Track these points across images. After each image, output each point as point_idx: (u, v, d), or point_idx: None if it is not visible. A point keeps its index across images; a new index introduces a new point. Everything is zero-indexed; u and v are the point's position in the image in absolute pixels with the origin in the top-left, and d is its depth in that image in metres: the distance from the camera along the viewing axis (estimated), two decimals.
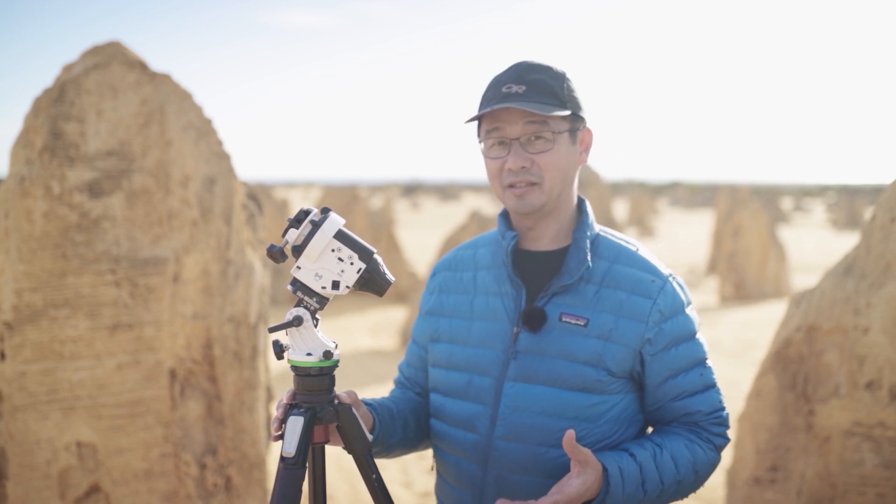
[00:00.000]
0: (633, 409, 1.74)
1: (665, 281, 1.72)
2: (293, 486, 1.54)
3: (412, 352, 1.96)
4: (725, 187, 22.70)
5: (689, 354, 1.72)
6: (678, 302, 1.72)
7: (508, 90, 1.67)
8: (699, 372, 1.72)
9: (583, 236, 1.74)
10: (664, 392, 1.71)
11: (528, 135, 1.67)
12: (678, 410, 1.72)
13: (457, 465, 1.79)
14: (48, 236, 3.35)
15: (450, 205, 60.59)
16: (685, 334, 1.72)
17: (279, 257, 1.55)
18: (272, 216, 15.58)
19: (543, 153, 1.68)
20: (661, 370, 1.70)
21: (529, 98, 1.66)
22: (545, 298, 1.71)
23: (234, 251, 3.70)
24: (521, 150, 1.68)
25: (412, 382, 1.97)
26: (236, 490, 3.63)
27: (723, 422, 1.74)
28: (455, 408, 1.79)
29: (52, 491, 3.31)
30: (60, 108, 3.46)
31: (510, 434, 1.69)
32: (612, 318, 1.68)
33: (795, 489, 3.23)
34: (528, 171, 1.68)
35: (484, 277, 1.82)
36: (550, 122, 1.67)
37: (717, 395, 1.75)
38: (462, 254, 1.92)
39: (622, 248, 1.77)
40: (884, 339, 2.95)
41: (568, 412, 1.67)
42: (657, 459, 1.65)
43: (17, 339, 3.30)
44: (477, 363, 1.76)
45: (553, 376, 1.67)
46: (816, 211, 56.34)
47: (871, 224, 3.18)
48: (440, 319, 1.86)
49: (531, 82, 1.67)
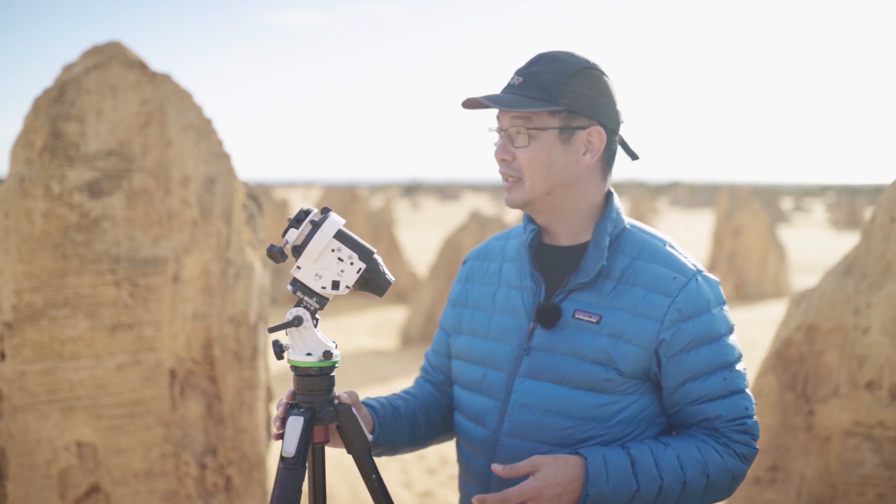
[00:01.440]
0: (652, 411, 1.68)
1: (690, 278, 1.64)
2: (293, 486, 1.54)
3: (439, 339, 1.94)
4: (725, 187, 22.68)
5: (713, 357, 1.63)
6: (703, 301, 1.63)
7: (512, 80, 1.68)
8: (723, 376, 1.63)
9: (603, 231, 1.68)
10: (682, 395, 1.64)
11: (516, 128, 1.65)
12: (697, 415, 1.64)
13: (468, 458, 1.79)
14: (48, 236, 3.35)
15: (450, 205, 60.58)
16: (709, 335, 1.63)
17: (279, 257, 1.55)
18: (272, 216, 15.58)
19: (522, 148, 1.65)
20: (678, 372, 1.62)
21: (521, 91, 1.64)
22: (562, 294, 1.68)
23: (234, 251, 3.70)
24: (507, 142, 1.67)
25: (436, 370, 1.95)
26: (236, 490, 3.63)
27: (747, 429, 1.64)
28: (470, 401, 1.78)
29: (52, 491, 3.31)
30: (60, 108, 3.46)
31: (516, 431, 1.68)
32: (627, 316, 1.62)
33: (795, 489, 3.23)
34: (508, 164, 1.67)
35: (508, 270, 1.80)
36: (533, 118, 1.64)
37: (744, 401, 1.64)
38: (493, 244, 1.90)
39: (647, 243, 1.70)
40: (884, 339, 2.95)
41: (574, 411, 1.64)
42: (657, 454, 1.59)
43: (17, 339, 3.30)
44: (493, 357, 1.74)
45: (561, 374, 1.65)
46: (816, 211, 56.33)
47: (871, 224, 3.18)
48: (464, 310, 1.85)
49: (530, 74, 1.65)
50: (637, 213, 32.19)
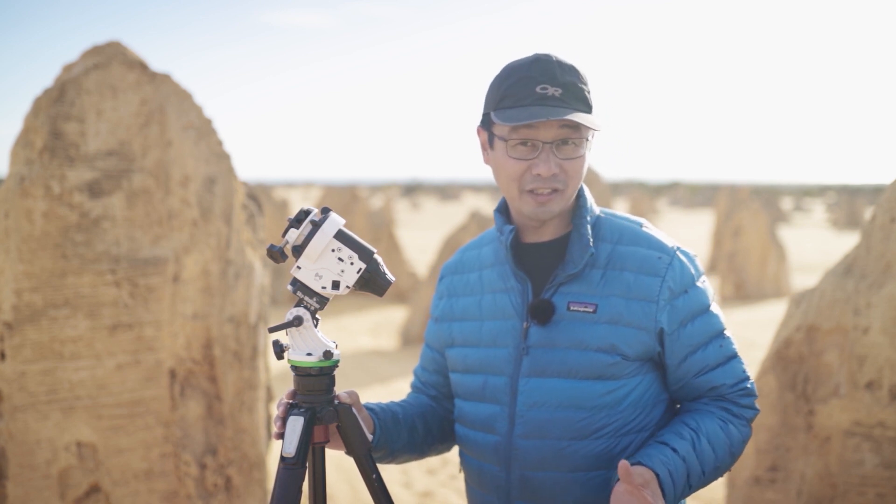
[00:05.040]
0: (655, 389, 1.70)
1: (672, 256, 1.67)
2: (293, 486, 1.54)
3: (425, 355, 1.95)
4: (725, 187, 22.70)
5: (706, 328, 1.68)
6: (688, 276, 1.67)
7: (544, 91, 1.60)
8: (718, 344, 1.68)
9: (583, 222, 1.70)
10: (686, 369, 1.67)
11: (560, 139, 1.62)
12: (703, 385, 1.68)
13: (479, 468, 1.77)
14: (48, 236, 3.35)
15: (450, 205, 60.58)
16: (699, 308, 1.68)
17: (279, 257, 1.55)
18: (272, 216, 15.58)
19: (572, 160, 1.63)
20: (680, 348, 1.66)
21: (568, 103, 1.61)
22: (552, 289, 1.68)
23: (234, 251, 3.70)
24: (552, 155, 1.62)
25: (427, 386, 1.96)
26: (236, 490, 3.63)
27: (749, 392, 1.70)
28: (474, 410, 1.77)
29: (52, 491, 3.31)
30: (60, 108, 3.46)
31: (530, 431, 1.67)
32: (622, 302, 1.64)
33: (795, 489, 3.23)
34: (556, 177, 1.63)
35: (489, 276, 1.80)
36: (582, 128, 1.63)
37: (740, 364, 1.70)
38: (467, 255, 1.90)
39: (625, 227, 1.73)
40: (884, 339, 2.95)
41: (585, 402, 1.64)
42: (697, 449, 1.61)
43: (17, 339, 3.30)
44: (490, 363, 1.74)
45: (566, 367, 1.65)
46: (816, 211, 56.33)
47: (871, 224, 3.18)
48: (452, 324, 1.85)
49: (566, 85, 1.61)
50: (637, 214, 32.21)
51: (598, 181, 12.97)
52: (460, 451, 1.86)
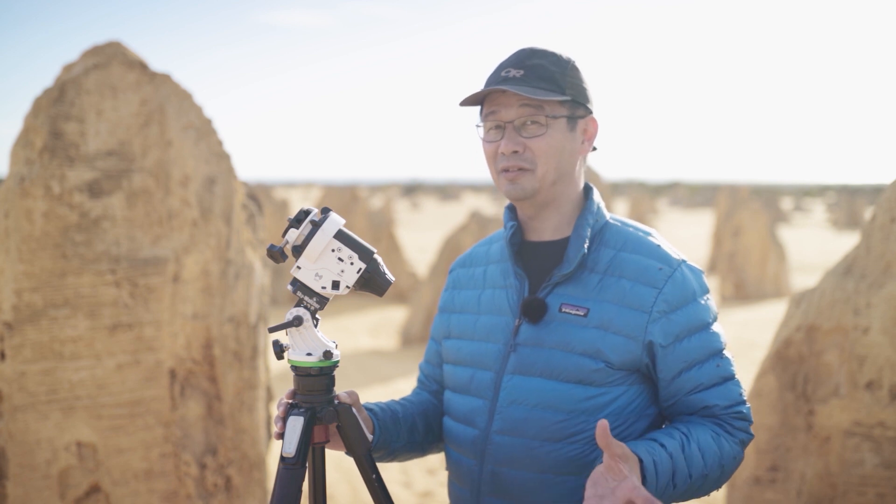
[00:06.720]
0: (641, 402, 1.67)
1: (675, 268, 1.65)
2: (293, 485, 1.54)
3: (430, 348, 1.96)
4: (725, 187, 22.69)
5: (704, 345, 1.64)
6: (689, 291, 1.65)
7: (507, 74, 1.66)
8: (715, 363, 1.65)
9: (584, 224, 1.70)
10: (679, 385, 1.64)
11: (523, 118, 1.65)
12: (696, 404, 1.64)
13: (458, 461, 1.78)
14: (48, 236, 3.35)
15: (450, 205, 60.58)
16: (698, 324, 1.65)
17: (279, 257, 1.55)
18: (272, 216, 15.58)
19: (536, 138, 1.65)
20: (674, 362, 1.63)
21: (526, 82, 1.64)
22: (547, 289, 1.68)
23: (234, 251, 3.70)
24: (515, 133, 1.66)
25: (429, 379, 1.96)
26: (236, 490, 3.63)
27: (744, 416, 1.66)
28: (459, 403, 1.78)
29: (52, 491, 3.31)
30: (60, 108, 3.46)
31: (506, 428, 1.67)
32: (614, 308, 1.63)
33: (795, 489, 3.23)
34: (520, 155, 1.66)
35: (493, 271, 1.81)
36: (545, 106, 1.64)
37: (737, 387, 1.67)
38: (477, 250, 1.92)
39: (631, 235, 1.71)
40: (884, 339, 2.95)
41: (564, 405, 1.63)
42: (686, 450, 1.57)
43: (17, 339, 3.30)
44: (480, 357, 1.74)
45: (549, 368, 1.64)
46: (816, 211, 56.33)
47: (871, 224, 3.18)
48: (451, 315, 1.86)
49: (530, 67, 1.66)
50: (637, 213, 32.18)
51: (598, 181, 12.98)
52: (445, 445, 1.85)
